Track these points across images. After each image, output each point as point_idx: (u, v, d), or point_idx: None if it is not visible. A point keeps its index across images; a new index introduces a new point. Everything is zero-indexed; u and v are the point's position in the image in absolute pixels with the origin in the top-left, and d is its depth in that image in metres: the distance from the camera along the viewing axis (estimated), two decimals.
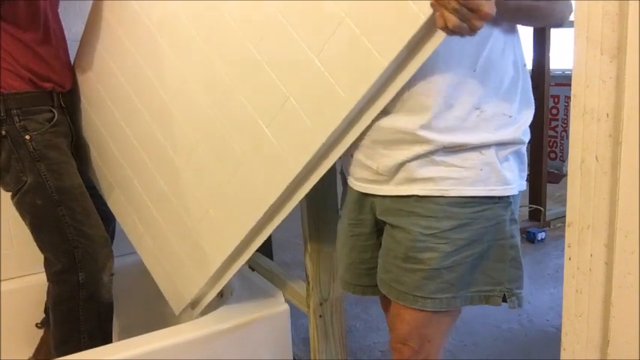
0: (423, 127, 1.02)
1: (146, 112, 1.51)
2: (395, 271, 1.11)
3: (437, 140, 1.02)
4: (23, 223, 1.61)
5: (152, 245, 1.61)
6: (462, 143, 1.03)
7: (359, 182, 1.15)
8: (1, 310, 1.78)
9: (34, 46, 1.54)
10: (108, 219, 1.75)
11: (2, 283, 1.84)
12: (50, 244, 1.59)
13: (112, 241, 1.77)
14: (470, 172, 1.04)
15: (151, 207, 1.57)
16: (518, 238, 1.09)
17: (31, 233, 1.60)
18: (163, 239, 1.55)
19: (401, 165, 1.06)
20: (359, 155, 1.13)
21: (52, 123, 1.58)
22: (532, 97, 1.14)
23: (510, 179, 1.07)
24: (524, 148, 1.13)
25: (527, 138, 1.12)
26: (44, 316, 1.77)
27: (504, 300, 1.10)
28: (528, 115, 1.13)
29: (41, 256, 1.62)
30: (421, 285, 1.07)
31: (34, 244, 1.60)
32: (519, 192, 1.12)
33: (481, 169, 1.04)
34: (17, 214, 1.60)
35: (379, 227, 1.17)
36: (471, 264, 1.06)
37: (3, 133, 1.52)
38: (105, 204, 1.77)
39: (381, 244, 1.16)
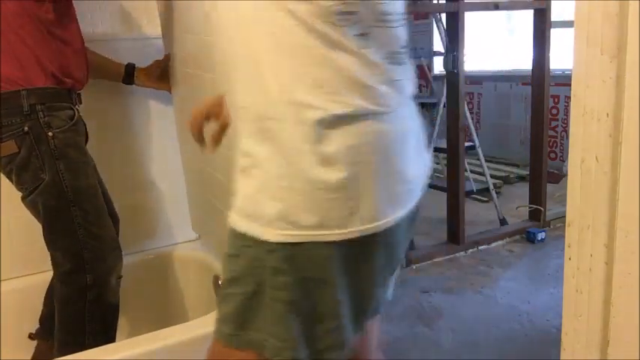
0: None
1: None
2: None
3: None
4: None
5: None
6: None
7: None
8: (1, 310, 1.78)
9: (60, 41, 1.53)
10: (115, 220, 1.75)
11: (2, 283, 1.84)
12: (60, 244, 1.58)
13: None
14: (238, 198, 0.89)
15: None
16: (286, 292, 0.87)
17: (43, 232, 1.58)
18: None
19: None
20: None
21: (73, 121, 1.56)
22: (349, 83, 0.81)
23: (266, 217, 0.83)
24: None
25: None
26: (38, 326, 1.74)
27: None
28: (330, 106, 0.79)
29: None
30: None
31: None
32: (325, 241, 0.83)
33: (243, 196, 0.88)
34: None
35: None
36: (245, 304, 0.92)
37: (25, 129, 1.48)
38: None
39: None
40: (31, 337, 1.75)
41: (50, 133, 1.50)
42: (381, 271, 0.93)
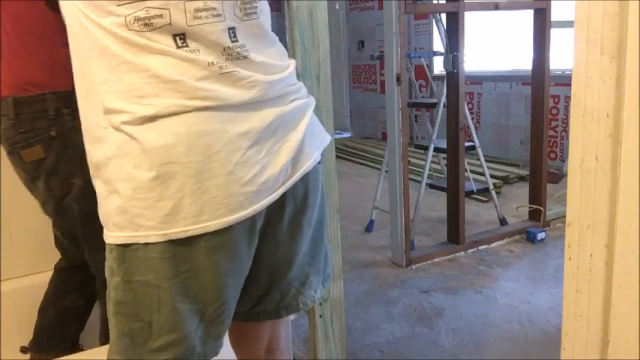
0: None
1: None
2: None
3: None
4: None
5: None
6: None
7: None
8: (1, 310, 1.78)
9: None
10: None
11: (2, 283, 1.84)
12: (100, 247, 1.55)
13: None
14: None
15: None
16: (115, 293, 0.88)
17: (81, 237, 1.54)
18: None
19: None
20: None
21: None
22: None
23: (104, 218, 0.88)
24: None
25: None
26: (32, 337, 1.70)
27: None
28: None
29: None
30: None
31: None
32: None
33: None
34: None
35: None
36: (103, 302, 1.01)
37: (52, 134, 1.44)
38: None
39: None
40: (23, 350, 1.70)
41: (79, 137, 1.47)
42: (228, 274, 0.87)
